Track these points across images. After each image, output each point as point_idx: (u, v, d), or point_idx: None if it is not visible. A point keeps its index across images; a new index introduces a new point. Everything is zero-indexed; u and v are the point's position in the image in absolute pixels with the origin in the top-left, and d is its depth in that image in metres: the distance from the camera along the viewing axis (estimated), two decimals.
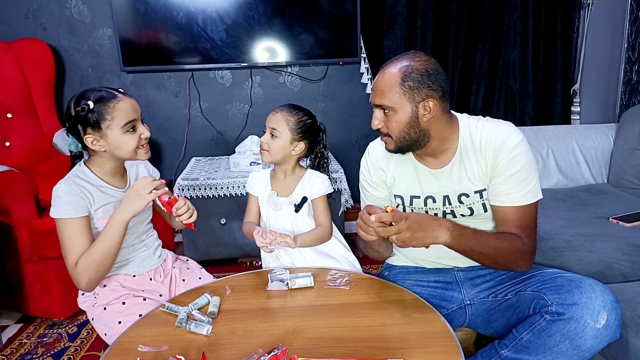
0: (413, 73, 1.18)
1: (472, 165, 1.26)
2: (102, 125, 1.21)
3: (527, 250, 1.23)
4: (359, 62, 2.92)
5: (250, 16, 2.73)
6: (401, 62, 1.20)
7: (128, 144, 1.24)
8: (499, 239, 1.22)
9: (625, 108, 2.57)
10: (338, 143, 3.06)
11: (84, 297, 1.34)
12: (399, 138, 1.23)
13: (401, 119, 1.20)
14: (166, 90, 2.94)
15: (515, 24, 2.83)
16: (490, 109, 2.96)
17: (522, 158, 1.22)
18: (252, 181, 1.59)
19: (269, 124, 1.47)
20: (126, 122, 1.22)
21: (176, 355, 0.98)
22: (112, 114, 1.21)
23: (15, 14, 2.76)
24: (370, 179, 1.41)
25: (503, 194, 1.24)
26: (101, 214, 1.27)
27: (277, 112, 1.48)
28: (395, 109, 1.20)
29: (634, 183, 2.12)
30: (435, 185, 1.30)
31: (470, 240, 1.20)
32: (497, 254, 1.21)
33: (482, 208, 1.28)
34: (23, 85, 2.51)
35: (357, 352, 1.02)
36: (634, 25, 2.52)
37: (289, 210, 1.50)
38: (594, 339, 1.06)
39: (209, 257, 2.52)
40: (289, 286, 1.31)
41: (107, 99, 1.21)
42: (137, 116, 1.26)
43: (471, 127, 1.28)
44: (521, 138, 1.24)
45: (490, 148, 1.24)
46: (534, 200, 1.24)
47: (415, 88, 1.18)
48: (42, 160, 2.29)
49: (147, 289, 1.37)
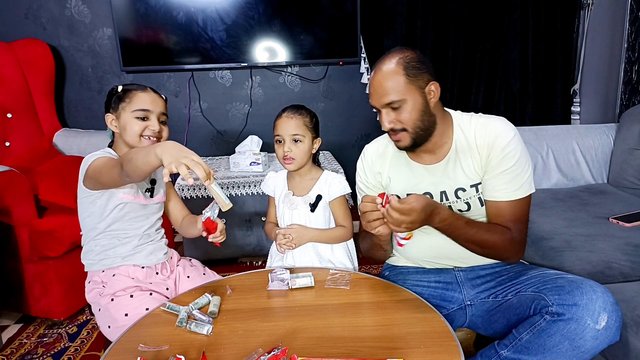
0: (411, 62, 1.21)
1: (467, 160, 1.28)
2: (119, 105, 1.33)
3: (516, 243, 1.26)
4: (359, 62, 2.92)
5: (250, 16, 2.73)
6: (392, 58, 1.23)
7: (133, 128, 1.33)
8: (489, 231, 1.24)
9: (625, 108, 2.57)
10: (338, 143, 3.06)
11: (91, 286, 1.37)
12: (414, 128, 1.24)
13: (414, 107, 1.22)
14: (166, 90, 2.94)
15: (515, 24, 2.83)
16: (490, 109, 2.96)
17: (515, 154, 1.23)
18: (268, 180, 1.60)
19: (287, 132, 1.45)
20: (138, 109, 1.33)
21: (176, 354, 0.98)
22: (131, 98, 1.33)
23: (15, 14, 2.76)
24: (367, 180, 1.43)
25: (496, 189, 1.25)
26: (128, 187, 1.35)
27: (290, 117, 1.46)
28: (405, 100, 1.21)
29: (634, 183, 2.12)
30: (430, 182, 1.31)
31: (460, 230, 1.22)
32: (486, 246, 1.24)
33: (478, 202, 1.30)
34: (23, 85, 2.51)
35: (357, 352, 1.02)
36: (634, 25, 2.52)
37: (305, 209, 1.51)
38: (594, 340, 1.06)
39: (209, 257, 2.52)
40: (289, 286, 1.31)
41: (134, 87, 1.36)
42: (154, 109, 1.35)
43: (464, 122, 1.30)
44: (513, 134, 1.25)
45: (483, 144, 1.25)
46: (527, 194, 1.26)
47: (417, 75, 1.21)
48: (42, 160, 2.29)
49: (154, 281, 1.41)
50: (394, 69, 1.21)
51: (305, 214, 1.51)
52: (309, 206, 1.50)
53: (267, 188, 1.61)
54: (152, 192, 1.44)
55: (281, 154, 1.47)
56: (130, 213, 1.38)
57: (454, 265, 1.38)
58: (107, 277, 1.36)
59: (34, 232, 1.88)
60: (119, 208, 1.35)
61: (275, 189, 1.58)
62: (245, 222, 2.49)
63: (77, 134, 2.63)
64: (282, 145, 1.46)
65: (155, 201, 1.45)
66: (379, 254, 1.42)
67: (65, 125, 2.86)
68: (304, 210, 1.51)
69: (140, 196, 1.40)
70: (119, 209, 1.36)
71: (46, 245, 1.87)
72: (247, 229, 2.50)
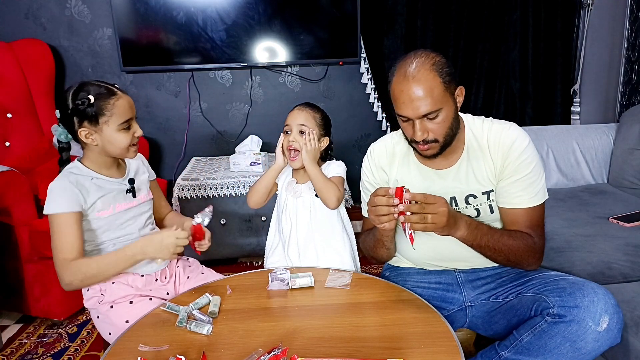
0: (444, 67, 1.15)
1: (479, 166, 1.26)
2: (99, 120, 1.23)
3: (538, 249, 1.24)
4: (359, 62, 2.91)
5: (250, 16, 2.73)
6: (423, 63, 1.14)
7: (122, 141, 1.26)
8: (512, 236, 1.23)
9: (625, 108, 2.57)
10: (338, 143, 3.03)
11: (90, 293, 1.34)
12: (445, 138, 1.19)
13: (448, 117, 1.17)
14: (166, 90, 2.94)
15: (515, 24, 2.83)
16: (490, 109, 2.96)
17: (532, 161, 1.23)
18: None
19: (295, 122, 1.47)
20: (124, 121, 1.25)
21: (176, 354, 0.98)
22: (111, 110, 1.23)
23: (15, 14, 2.75)
24: (373, 179, 1.41)
25: (513, 196, 1.24)
26: (101, 206, 1.28)
27: (301, 110, 1.49)
28: (442, 110, 1.15)
29: (634, 183, 2.12)
30: (441, 186, 1.28)
31: (486, 235, 1.20)
32: (510, 251, 1.22)
33: (488, 209, 1.28)
34: (23, 85, 2.51)
35: (357, 352, 1.02)
36: (634, 25, 2.52)
37: (309, 195, 1.52)
38: (595, 342, 1.06)
39: (209, 257, 2.51)
40: (289, 286, 1.31)
41: (107, 95, 1.24)
42: (133, 114, 1.29)
43: (476, 127, 1.28)
44: (529, 140, 1.24)
45: (498, 150, 1.24)
46: (542, 200, 1.25)
47: (450, 81, 1.16)
48: (42, 160, 2.29)
49: (153, 287, 1.39)
50: (431, 77, 1.13)
51: (310, 201, 1.52)
52: (314, 191, 1.51)
53: None
54: (134, 191, 1.37)
55: (286, 143, 1.48)
56: (116, 222, 1.33)
57: (455, 266, 1.37)
58: (106, 285, 1.32)
59: (34, 232, 1.88)
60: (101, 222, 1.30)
61: (280, 175, 1.58)
62: (245, 222, 2.49)
63: None
64: (289, 136, 1.48)
65: (140, 201, 1.39)
66: (382, 252, 1.37)
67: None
68: (308, 197, 1.52)
69: (120, 203, 1.33)
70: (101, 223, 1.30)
71: (46, 245, 1.87)
72: (247, 229, 2.50)
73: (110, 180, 1.33)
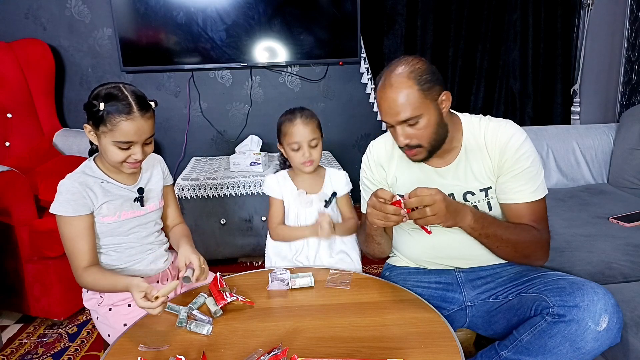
0: (423, 74, 1.16)
1: (477, 162, 1.27)
2: (99, 127, 1.19)
3: (544, 242, 1.25)
4: (359, 62, 2.92)
5: (250, 16, 2.73)
6: (402, 71, 1.17)
7: (115, 156, 1.21)
8: (518, 228, 1.23)
9: (625, 108, 2.57)
10: (338, 143, 3.06)
11: (89, 295, 1.34)
12: (431, 143, 1.21)
13: (431, 122, 1.18)
14: (166, 90, 2.94)
15: (515, 24, 2.83)
16: (490, 109, 2.96)
17: (530, 155, 1.24)
18: (272, 184, 1.57)
19: (306, 138, 1.46)
20: (121, 141, 1.19)
21: (176, 355, 0.98)
22: (113, 126, 1.17)
23: (15, 14, 2.76)
24: (372, 176, 1.42)
25: (514, 191, 1.24)
26: (106, 211, 1.26)
27: (306, 124, 1.46)
28: (422, 115, 1.17)
29: (634, 183, 2.12)
30: (440, 184, 1.28)
31: (492, 225, 1.20)
32: (518, 242, 1.22)
33: (486, 207, 1.29)
34: (23, 85, 2.51)
35: (357, 352, 1.02)
36: (634, 25, 2.52)
37: (319, 206, 1.53)
38: (595, 341, 1.06)
39: (209, 257, 2.48)
40: (289, 286, 1.31)
41: (119, 111, 1.17)
42: (138, 139, 1.21)
43: (473, 125, 1.29)
44: (525, 136, 1.25)
45: (495, 147, 1.25)
46: (543, 195, 1.26)
47: (431, 87, 1.17)
48: (42, 160, 2.29)
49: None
50: (408, 84, 1.15)
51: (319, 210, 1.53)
52: (324, 202, 1.52)
53: (272, 191, 1.57)
54: (142, 201, 1.33)
55: (300, 159, 1.48)
56: (119, 229, 1.30)
57: (456, 265, 1.37)
58: None
59: (34, 232, 1.88)
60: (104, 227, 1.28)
61: (283, 190, 1.56)
62: (245, 222, 2.49)
63: (77, 134, 2.63)
64: (300, 151, 1.47)
65: (147, 210, 1.35)
66: (373, 246, 1.40)
67: (65, 125, 2.86)
68: (318, 207, 1.53)
69: (127, 211, 1.30)
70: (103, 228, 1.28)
71: (46, 245, 1.87)
72: (247, 229, 2.50)
73: (119, 186, 1.30)
